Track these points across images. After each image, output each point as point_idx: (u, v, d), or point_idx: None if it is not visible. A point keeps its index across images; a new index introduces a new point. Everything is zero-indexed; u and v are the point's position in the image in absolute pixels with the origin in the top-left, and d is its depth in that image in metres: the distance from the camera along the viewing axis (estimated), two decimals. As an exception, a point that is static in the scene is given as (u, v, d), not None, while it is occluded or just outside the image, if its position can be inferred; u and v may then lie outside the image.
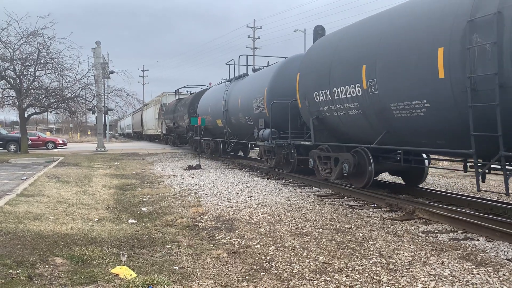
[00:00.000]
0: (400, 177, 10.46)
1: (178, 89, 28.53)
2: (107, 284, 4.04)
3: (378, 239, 5.62)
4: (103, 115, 29.35)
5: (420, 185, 9.57)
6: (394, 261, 4.73)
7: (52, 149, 30.80)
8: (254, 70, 16.03)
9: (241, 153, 21.28)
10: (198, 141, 21.06)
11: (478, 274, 4.30)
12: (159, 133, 35.64)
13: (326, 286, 4.06)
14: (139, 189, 10.61)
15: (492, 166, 6.28)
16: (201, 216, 7.26)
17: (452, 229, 6.17)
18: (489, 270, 4.40)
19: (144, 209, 8.04)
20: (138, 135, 55.10)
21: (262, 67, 15.56)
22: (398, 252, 5.05)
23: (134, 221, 6.96)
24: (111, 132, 69.70)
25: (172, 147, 30.56)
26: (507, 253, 5.00)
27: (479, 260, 4.77)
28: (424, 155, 8.87)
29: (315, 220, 6.80)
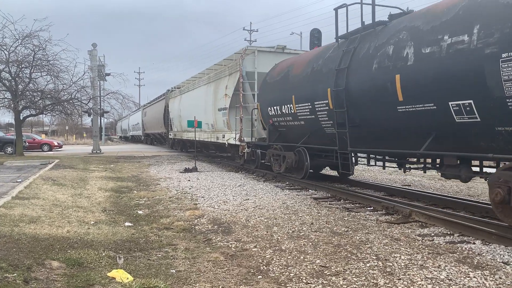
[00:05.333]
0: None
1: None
2: (104, 288, 4.02)
3: (375, 242, 5.63)
4: (99, 117, 29.26)
5: (415, 188, 9.61)
6: (391, 264, 4.74)
7: (48, 151, 30.64)
8: None
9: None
10: None
11: (474, 277, 4.31)
12: (235, 142, 14.81)
13: (323, 290, 4.06)
14: (135, 192, 10.58)
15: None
16: (198, 219, 7.24)
17: (449, 232, 6.18)
18: (486, 274, 4.42)
19: (140, 212, 8.01)
20: (153, 139, 39.48)
21: None
22: (395, 255, 5.06)
23: (130, 224, 6.94)
24: (107, 134, 67.26)
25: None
26: (503, 256, 5.02)
27: (475, 263, 4.78)
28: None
29: (312, 223, 6.80)
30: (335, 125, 8.90)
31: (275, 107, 11.71)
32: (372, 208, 8.11)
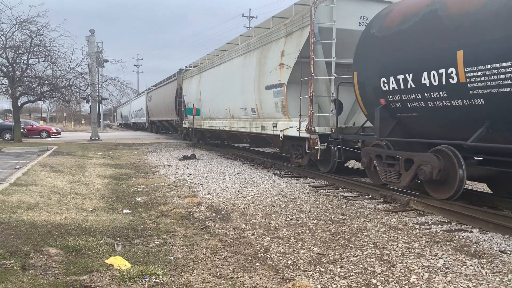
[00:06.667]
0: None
1: None
2: (102, 275, 4.03)
3: (372, 230, 5.65)
4: (97, 104, 29.16)
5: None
6: (388, 252, 4.75)
7: (46, 138, 30.60)
8: None
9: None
10: None
11: (471, 265, 4.33)
12: (299, 134, 10.54)
13: (320, 277, 4.07)
14: (133, 179, 10.58)
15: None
16: (196, 207, 7.25)
17: (446, 221, 6.20)
18: (482, 262, 4.43)
19: (138, 199, 8.02)
20: (160, 127, 34.79)
21: None
22: (392, 243, 5.08)
23: (128, 211, 6.94)
24: (108, 121, 66.05)
25: None
26: (500, 244, 5.04)
27: (472, 251, 4.80)
28: None
29: (310, 211, 6.81)
30: None
31: (398, 77, 7.15)
32: (370, 196, 8.12)
